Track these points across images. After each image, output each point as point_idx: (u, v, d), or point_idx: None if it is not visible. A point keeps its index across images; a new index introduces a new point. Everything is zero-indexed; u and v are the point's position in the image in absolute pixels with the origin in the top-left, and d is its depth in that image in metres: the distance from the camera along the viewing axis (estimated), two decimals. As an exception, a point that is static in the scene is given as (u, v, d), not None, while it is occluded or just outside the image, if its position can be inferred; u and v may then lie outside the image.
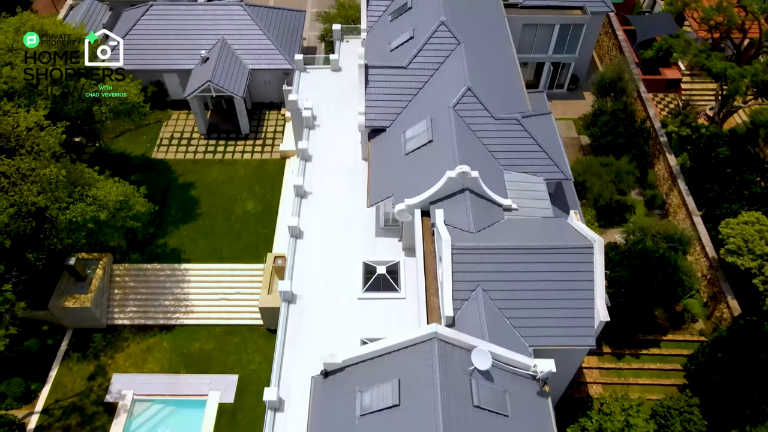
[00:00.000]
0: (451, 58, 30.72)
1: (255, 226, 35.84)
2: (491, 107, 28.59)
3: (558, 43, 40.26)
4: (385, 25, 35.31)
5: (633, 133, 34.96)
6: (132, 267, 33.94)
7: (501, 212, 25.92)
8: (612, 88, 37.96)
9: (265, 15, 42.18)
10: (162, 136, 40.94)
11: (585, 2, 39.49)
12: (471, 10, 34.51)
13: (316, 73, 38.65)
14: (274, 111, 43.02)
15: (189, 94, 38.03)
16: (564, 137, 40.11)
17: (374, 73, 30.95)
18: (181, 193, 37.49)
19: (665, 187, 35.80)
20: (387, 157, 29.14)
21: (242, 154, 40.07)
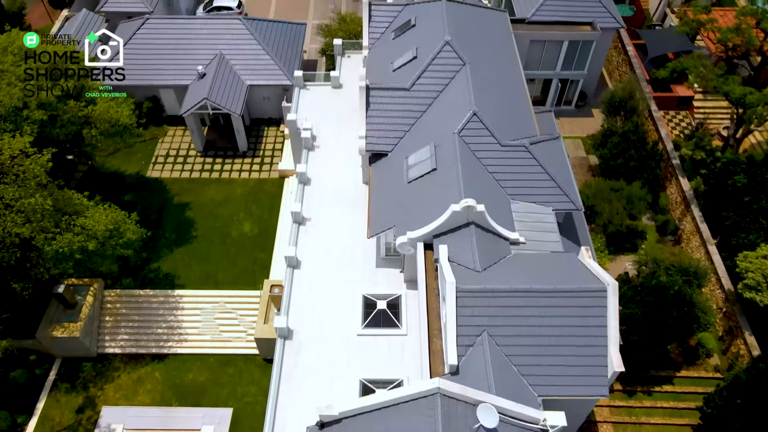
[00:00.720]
0: (456, 80, 29.46)
1: (252, 250, 34.62)
2: (498, 132, 27.33)
3: (566, 59, 38.96)
4: (387, 43, 34.04)
5: (644, 155, 33.63)
6: (124, 293, 32.75)
7: (508, 246, 24.64)
8: (622, 106, 36.66)
9: (264, 29, 40.97)
10: (157, 154, 39.75)
11: (594, 18, 38.18)
12: (477, 28, 33.25)
13: (316, 90, 37.45)
14: (273, 127, 41.80)
15: (185, 112, 36.84)
16: (572, 157, 38.91)
17: (376, 95, 29.70)
18: (176, 214, 36.29)
19: (678, 211, 34.45)
20: (388, 185, 27.88)
21: (240, 172, 38.85)
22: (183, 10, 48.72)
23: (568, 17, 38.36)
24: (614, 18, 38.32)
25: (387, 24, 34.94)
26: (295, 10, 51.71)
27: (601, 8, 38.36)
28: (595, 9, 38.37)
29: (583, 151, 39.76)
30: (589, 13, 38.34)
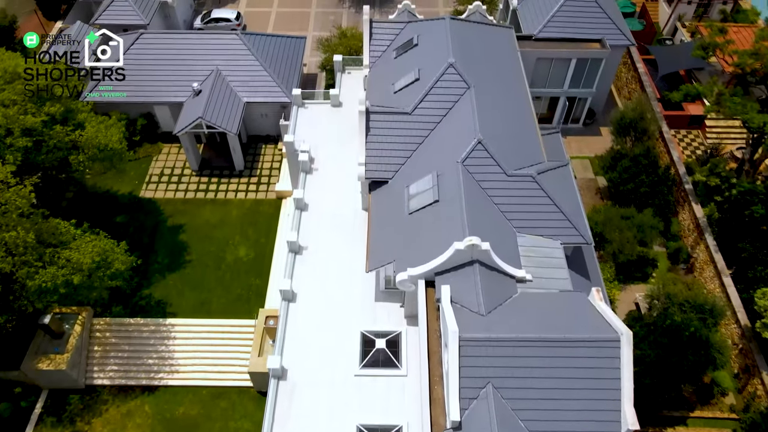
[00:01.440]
0: (460, 104, 28.18)
1: (247, 276, 33.37)
2: (504, 160, 26.04)
3: (574, 77, 37.61)
4: (388, 62, 32.75)
5: (656, 180, 32.28)
6: (113, 321, 31.55)
7: (514, 285, 23.34)
8: (632, 127, 35.32)
9: (262, 43, 39.73)
10: (151, 173, 38.54)
11: (604, 35, 36.82)
12: (481, 47, 31.95)
13: (315, 108, 36.15)
14: (270, 145, 40.56)
15: (179, 131, 35.62)
16: (580, 178, 37.62)
17: (376, 119, 28.43)
18: (170, 237, 35.07)
19: (690, 239, 33.08)
20: (388, 216, 26.59)
21: (236, 193, 37.61)
22: (180, 22, 47.59)
23: (577, 34, 37.01)
24: (624, 35, 36.96)
25: (388, 42, 33.65)
26: (296, 21, 50.49)
27: (610, 25, 37.01)
28: (605, 26, 37.02)
29: (591, 172, 38.40)
30: (598, 30, 36.99)
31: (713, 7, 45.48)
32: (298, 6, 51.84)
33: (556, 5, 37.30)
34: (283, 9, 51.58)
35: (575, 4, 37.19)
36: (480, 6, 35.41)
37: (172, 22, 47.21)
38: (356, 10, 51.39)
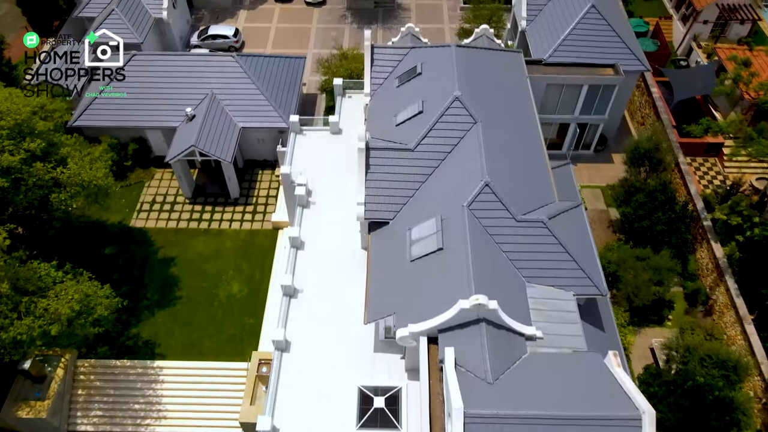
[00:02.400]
0: (466, 140, 26.48)
1: (240, 314, 31.73)
2: (513, 203, 24.32)
3: (586, 104, 35.84)
4: (390, 90, 31.07)
5: (673, 218, 30.48)
6: (99, 363, 29.95)
7: (524, 344, 21.61)
8: (647, 157, 33.53)
9: (259, 65, 38.09)
10: (143, 200, 36.94)
11: (617, 60, 35.03)
12: (489, 76, 30.24)
13: (314, 135, 34.50)
14: (267, 170, 38.92)
15: (171, 159, 34.01)
16: (591, 209, 35.88)
17: (376, 155, 26.74)
18: (161, 271, 33.46)
19: (709, 279, 31.26)
20: (389, 262, 24.88)
21: (230, 222, 35.98)
22: (177, 39, 46.01)
23: (589, 59, 35.24)
24: (639, 60, 35.18)
25: (391, 69, 31.96)
26: (296, 37, 48.87)
27: (624, 49, 35.24)
28: (618, 50, 35.26)
29: (603, 202, 36.60)
30: (612, 55, 35.22)
31: (730, 27, 43.63)
32: (299, 22, 50.20)
33: (567, 28, 35.55)
34: (283, 25, 49.95)
35: (587, 27, 35.42)
36: (487, 30, 33.69)
37: (168, 39, 45.63)
38: (358, 26, 49.77)
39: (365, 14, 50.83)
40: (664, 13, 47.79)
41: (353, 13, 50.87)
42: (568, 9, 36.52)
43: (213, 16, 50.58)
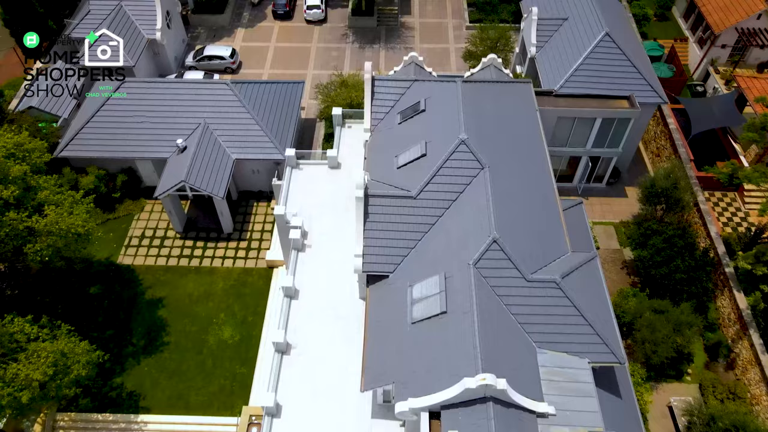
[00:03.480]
0: (472, 188, 24.61)
1: (231, 362, 29.90)
2: (523, 260, 22.48)
3: (599, 137, 33.92)
4: (392, 127, 29.21)
5: (693, 266, 28.53)
6: (79, 417, 28.15)
7: (534, 423, 19.74)
8: (664, 196, 31.58)
9: (254, 92, 36.28)
10: (131, 234, 35.16)
11: (633, 91, 33.09)
12: (497, 112, 28.35)
13: (311, 170, 32.72)
14: (263, 202, 37.07)
15: (160, 194, 32.23)
16: (603, 249, 33.95)
17: (376, 203, 24.89)
18: (148, 313, 31.68)
19: (731, 331, 29.28)
20: (388, 322, 23.01)
21: (223, 260, 34.15)
22: (171, 59, 44.26)
23: (602, 90, 33.30)
24: (656, 92, 33.21)
25: (392, 103, 30.09)
26: (295, 57, 47.03)
27: (640, 80, 33.28)
28: (634, 81, 33.31)
29: (616, 240, 34.62)
30: (627, 86, 33.29)
31: (749, 52, 41.57)
32: (298, 41, 48.37)
33: (579, 57, 33.62)
34: (281, 44, 48.13)
35: (601, 56, 33.49)
36: (495, 59, 31.79)
37: (162, 60, 43.89)
38: (360, 46, 47.92)
39: (367, 33, 48.98)
40: (679, 35, 45.78)
41: (355, 32, 49.02)
42: (581, 36, 34.60)
43: (210, 35, 48.79)
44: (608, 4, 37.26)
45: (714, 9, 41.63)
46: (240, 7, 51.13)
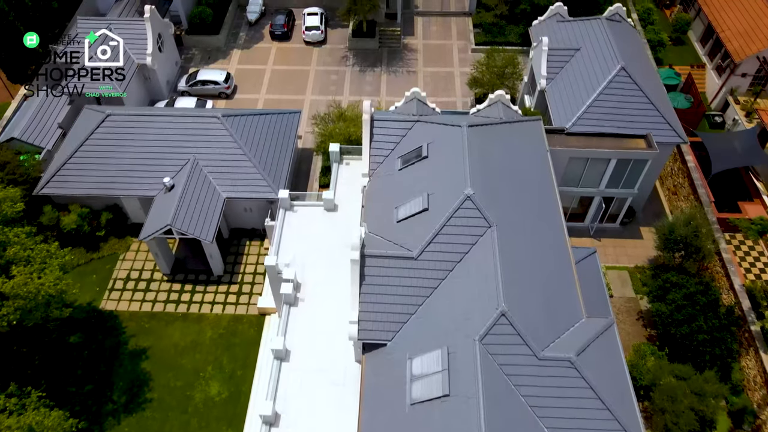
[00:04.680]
0: (478, 249, 22.55)
1: (218, 423, 27.88)
2: (533, 334, 20.48)
3: (613, 178, 31.79)
4: (392, 173, 27.15)
5: (717, 326, 26.40)
6: (53, 485, 26.10)
7: None
8: (684, 243, 29.47)
9: (247, 125, 34.23)
10: (116, 277, 33.19)
11: (650, 130, 30.96)
12: (504, 160, 26.27)
13: (306, 212, 30.77)
14: (256, 241, 35.04)
15: (145, 237, 30.25)
16: (617, 297, 31.87)
17: (373, 264, 22.85)
18: (130, 365, 29.70)
19: (757, 396, 27.12)
20: (385, 400, 20.98)
21: (212, 305, 32.14)
22: (163, 84, 42.32)
23: (617, 128, 31.18)
24: (675, 131, 31.08)
25: (393, 145, 28.07)
26: (293, 80, 45.01)
27: (658, 118, 31.17)
28: (652, 119, 31.20)
29: (631, 287, 32.48)
30: (644, 124, 31.18)
31: (772, 81, 39.43)
32: (297, 63, 46.33)
33: (593, 93, 31.53)
34: (279, 67, 46.10)
35: (616, 92, 31.39)
36: (503, 96, 29.66)
37: (153, 85, 41.98)
38: (360, 69, 45.87)
39: (368, 55, 46.93)
40: (696, 61, 43.58)
41: (355, 54, 46.96)
42: (594, 69, 32.50)
43: (204, 56, 46.80)
44: (622, 32, 35.13)
45: (734, 35, 39.44)
46: (236, 27, 49.14)
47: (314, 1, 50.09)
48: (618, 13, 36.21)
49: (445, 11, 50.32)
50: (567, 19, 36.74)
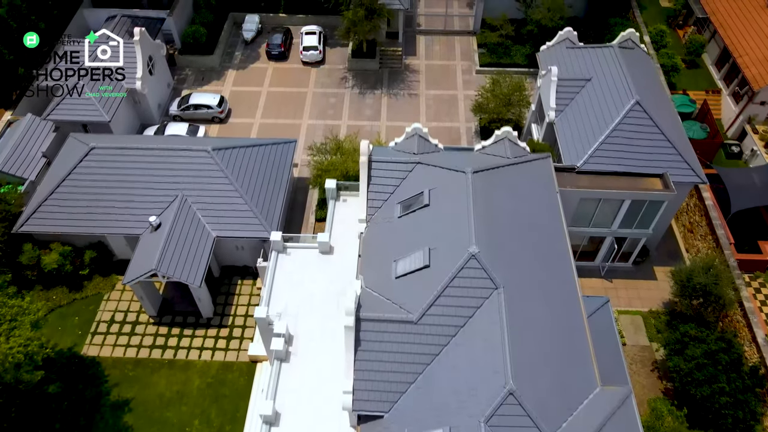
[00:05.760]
0: (483, 313, 20.74)
1: (204, 485, 26.12)
2: (544, 412, 18.62)
3: (627, 218, 29.93)
4: (391, 220, 25.32)
5: (740, 387, 24.51)
6: None
7: None
8: (702, 291, 27.61)
9: (239, 159, 32.42)
10: (99, 319, 31.42)
11: (667, 169, 29.09)
12: (512, 207, 24.47)
13: (300, 255, 28.98)
14: (248, 280, 33.26)
15: (129, 282, 28.48)
16: (630, 345, 30.05)
17: (369, 329, 21.02)
18: (112, 419, 27.93)
19: (783, 461, 25.26)
20: (381, 485, 19.19)
21: (200, 351, 30.35)
22: (154, 108, 40.60)
23: (631, 167, 29.32)
24: (694, 171, 29.20)
25: (392, 188, 26.28)
26: (290, 102, 43.21)
27: (675, 157, 29.32)
28: (668, 157, 29.36)
29: (645, 334, 30.59)
30: (660, 163, 29.34)
31: (793, 110, 37.55)
32: (294, 85, 44.55)
33: (606, 129, 29.67)
34: (275, 88, 44.31)
35: (631, 128, 29.55)
36: (509, 133, 27.82)
37: (144, 109, 40.28)
38: (360, 91, 44.07)
39: (369, 77, 45.12)
40: (711, 86, 41.64)
41: (355, 76, 45.16)
42: (607, 102, 30.64)
43: (198, 77, 45.03)
44: (635, 60, 33.26)
45: (752, 62, 37.51)
46: (231, 46, 47.36)
47: (313, 19, 48.37)
48: (630, 39, 34.35)
49: (448, 30, 48.48)
50: (577, 46, 34.87)
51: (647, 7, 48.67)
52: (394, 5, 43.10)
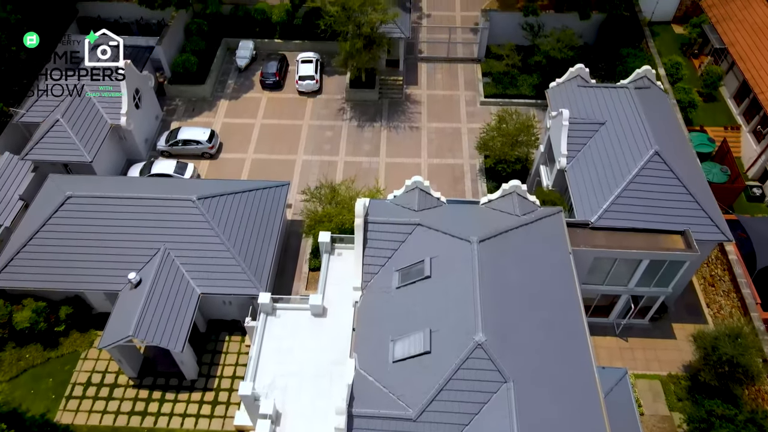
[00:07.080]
0: (491, 410, 18.50)
1: None
2: None
3: (645, 277, 27.62)
4: (389, 290, 23.06)
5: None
6: None
7: None
8: (729, 362, 25.34)
9: (227, 207, 30.23)
10: (75, 381, 29.22)
11: (688, 225, 26.79)
12: (521, 279, 22.24)
13: (290, 318, 26.83)
14: (236, 335, 31.03)
15: (106, 346, 26.28)
16: (649, 415, 27.78)
17: (363, 426, 18.72)
18: (84, 500, 25.70)
19: None
20: None
21: (183, 418, 28.10)
22: (140, 143, 38.49)
23: (650, 223, 27.04)
24: (718, 228, 26.90)
25: (390, 252, 24.02)
26: (284, 135, 41.03)
27: (698, 211, 27.02)
28: (690, 213, 27.04)
29: (664, 402, 28.23)
30: (681, 218, 27.02)
31: (819, 151, 35.22)
32: (289, 116, 42.38)
33: (622, 180, 27.40)
34: (269, 120, 42.14)
35: (650, 180, 27.28)
36: (518, 187, 25.61)
37: (130, 144, 38.14)
38: (358, 124, 41.89)
39: (368, 108, 42.94)
40: (730, 121, 39.35)
41: (353, 107, 42.98)
42: (623, 151, 28.39)
43: (188, 108, 42.89)
44: (652, 101, 31.02)
45: (775, 98, 35.28)
46: (224, 74, 45.22)
47: (309, 45, 46.24)
48: (646, 77, 32.14)
49: (451, 57, 46.29)
50: (589, 84, 32.61)
51: (659, 34, 46.43)
52: (394, 34, 40.98)
